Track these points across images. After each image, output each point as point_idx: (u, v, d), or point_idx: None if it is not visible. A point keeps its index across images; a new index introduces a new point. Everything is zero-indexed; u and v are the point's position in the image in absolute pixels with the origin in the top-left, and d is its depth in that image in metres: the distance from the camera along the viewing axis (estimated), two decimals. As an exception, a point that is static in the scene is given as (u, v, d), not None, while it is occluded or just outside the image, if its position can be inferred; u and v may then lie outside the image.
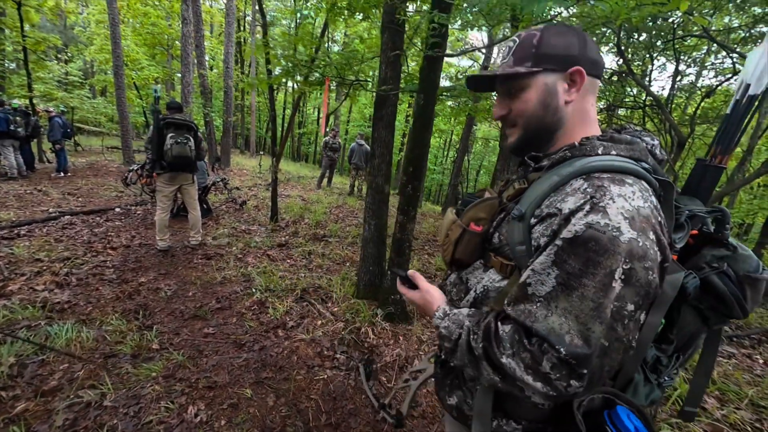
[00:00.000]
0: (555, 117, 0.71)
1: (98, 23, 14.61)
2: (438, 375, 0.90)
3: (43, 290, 2.79)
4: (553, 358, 0.56)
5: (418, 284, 0.83)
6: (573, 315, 0.56)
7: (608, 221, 0.55)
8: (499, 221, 0.76)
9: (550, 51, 0.68)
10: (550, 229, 0.61)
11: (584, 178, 0.62)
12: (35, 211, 4.80)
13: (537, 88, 0.70)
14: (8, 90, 9.85)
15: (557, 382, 0.56)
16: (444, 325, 0.72)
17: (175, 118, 3.66)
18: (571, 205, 0.59)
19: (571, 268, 0.56)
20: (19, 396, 1.80)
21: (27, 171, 7.38)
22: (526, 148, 0.76)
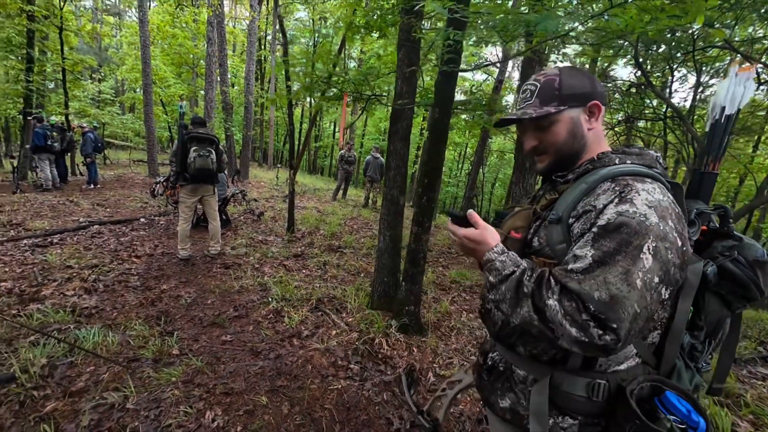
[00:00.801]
0: (582, 142, 0.84)
1: (130, 45, 15.54)
2: (485, 381, 0.97)
3: (72, 295, 2.92)
4: (587, 312, 0.64)
5: (477, 222, 0.84)
6: (603, 279, 0.64)
7: (636, 209, 0.66)
8: (536, 228, 0.85)
9: (571, 91, 0.82)
10: (588, 223, 0.71)
11: (611, 181, 0.74)
12: (67, 221, 5.06)
13: (565, 122, 0.83)
14: (47, 108, 10.52)
15: (592, 330, 0.63)
16: (501, 259, 0.77)
17: (199, 132, 3.84)
18: (603, 201, 0.71)
19: (606, 248, 0.66)
20: (49, 396, 1.88)
21: (61, 183, 7.80)
22: (556, 170, 0.88)
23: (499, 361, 0.93)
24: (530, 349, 0.83)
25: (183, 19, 13.21)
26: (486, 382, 0.96)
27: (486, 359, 0.98)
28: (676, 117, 5.29)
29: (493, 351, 0.97)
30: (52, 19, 9.27)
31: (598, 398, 0.76)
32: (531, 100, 0.84)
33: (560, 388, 0.79)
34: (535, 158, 0.90)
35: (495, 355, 0.96)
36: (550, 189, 0.91)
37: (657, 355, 0.80)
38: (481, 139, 9.04)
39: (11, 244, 3.93)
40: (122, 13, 25.52)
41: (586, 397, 0.76)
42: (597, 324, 0.64)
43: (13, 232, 4.40)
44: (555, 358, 0.80)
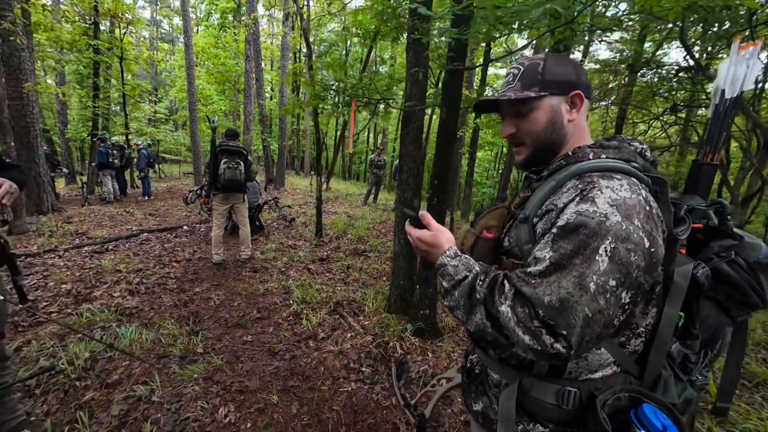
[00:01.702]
0: (561, 133, 0.80)
1: (181, 67, 16.99)
2: (464, 383, 0.96)
3: (118, 296, 3.24)
4: (537, 318, 0.62)
5: (430, 224, 0.82)
6: (557, 284, 0.62)
7: (596, 209, 0.63)
8: (508, 227, 0.83)
9: (554, 78, 0.77)
10: (548, 223, 0.69)
11: (577, 178, 0.70)
12: (122, 230, 5.63)
13: (545, 110, 0.78)
14: (112, 129, 11.84)
15: (544, 337, 0.61)
16: (453, 264, 0.75)
17: (229, 145, 4.09)
18: (565, 199, 0.68)
19: (564, 250, 0.63)
20: (88, 386, 2.10)
21: (121, 195, 8.71)
22: (535, 162, 0.83)
23: (476, 363, 0.92)
24: (499, 352, 0.82)
25: (224, 40, 14.20)
26: (465, 384, 0.95)
27: (467, 361, 0.97)
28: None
29: (472, 353, 0.96)
30: (114, 50, 10.42)
31: (569, 406, 0.72)
32: (513, 83, 0.80)
33: (529, 393, 0.75)
34: (514, 150, 0.86)
35: (474, 357, 0.94)
36: (526, 187, 0.87)
37: (640, 364, 0.73)
38: (514, 137, 8.68)
39: (75, 251, 4.44)
40: (175, 39, 28.04)
41: (556, 405, 0.73)
42: (548, 331, 0.61)
43: (78, 240, 4.97)
44: (523, 363, 0.77)
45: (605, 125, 8.78)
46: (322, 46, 18.35)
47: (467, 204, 10.60)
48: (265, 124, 12.27)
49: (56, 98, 12.09)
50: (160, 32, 27.57)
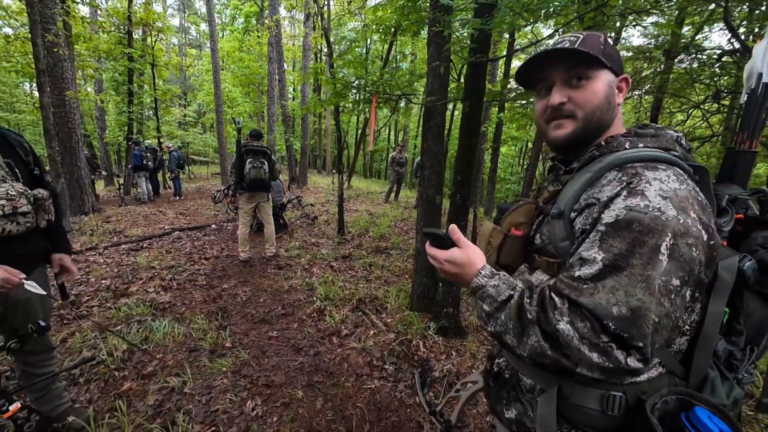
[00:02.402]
0: (611, 114, 0.73)
1: (207, 72, 17.62)
2: (491, 388, 0.90)
3: (152, 292, 3.39)
4: (606, 332, 0.57)
5: (460, 241, 0.73)
6: (621, 291, 0.56)
7: (648, 203, 0.58)
8: (538, 223, 0.78)
9: (612, 54, 0.72)
10: (590, 218, 0.63)
11: (617, 169, 0.65)
12: (155, 228, 5.90)
13: (603, 82, 0.71)
14: (145, 133, 12.47)
15: (616, 353, 0.56)
16: (492, 284, 0.69)
17: (254, 145, 4.20)
18: (608, 193, 0.62)
19: (618, 250, 0.58)
20: (126, 377, 2.21)
21: (154, 196, 9.14)
22: (578, 141, 0.74)
23: (505, 367, 0.86)
24: None
25: (248, 43, 14.58)
26: (492, 389, 0.89)
27: (492, 365, 0.92)
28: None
29: (499, 356, 0.90)
30: (146, 57, 10.93)
31: (614, 412, 0.67)
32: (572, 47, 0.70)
33: (570, 399, 0.70)
34: (552, 124, 0.75)
35: (501, 361, 0.89)
36: (553, 180, 0.82)
37: (685, 364, 0.68)
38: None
39: (113, 249, 4.70)
40: (202, 45, 29.08)
41: (600, 411, 0.68)
42: (619, 345, 0.57)
43: (116, 238, 5.26)
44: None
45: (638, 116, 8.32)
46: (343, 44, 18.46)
47: (490, 200, 10.37)
48: (288, 124, 12.50)
49: (95, 105, 12.85)
50: (188, 38, 28.68)
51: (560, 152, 0.81)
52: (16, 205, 1.36)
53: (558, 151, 0.81)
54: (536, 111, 0.80)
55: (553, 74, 0.74)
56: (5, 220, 1.33)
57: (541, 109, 0.78)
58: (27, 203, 1.41)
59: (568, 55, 0.71)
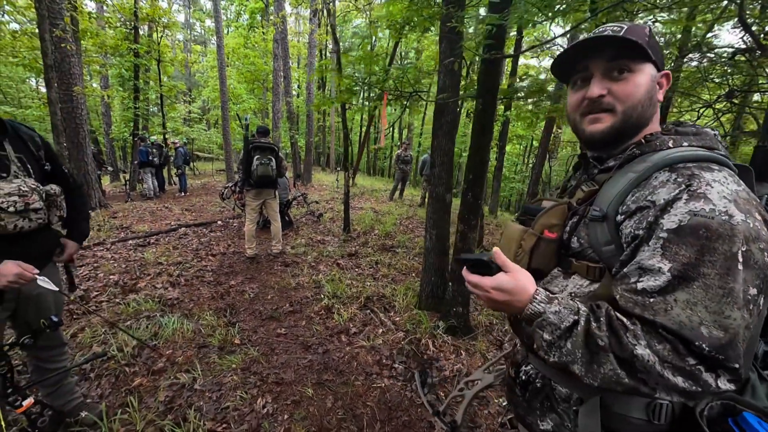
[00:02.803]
0: (651, 111, 0.70)
1: (212, 68, 17.61)
2: (519, 397, 0.86)
3: (160, 288, 3.40)
4: (693, 354, 0.53)
5: (506, 265, 0.66)
6: (701, 306, 0.53)
7: (713, 206, 0.54)
8: (573, 225, 0.74)
9: (657, 47, 0.68)
10: (644, 222, 0.59)
11: (669, 170, 0.61)
12: (162, 224, 5.91)
13: (646, 76, 0.67)
14: (150, 129, 12.51)
15: (705, 375, 0.53)
16: (553, 310, 0.62)
17: (261, 142, 4.18)
18: (665, 195, 0.58)
19: (686, 259, 0.54)
20: (137, 373, 2.21)
21: (160, 192, 9.17)
22: (616, 137, 0.71)
23: (535, 376, 0.82)
24: None
25: (253, 40, 14.55)
26: (520, 399, 0.85)
27: (518, 372, 0.87)
28: (802, 85, 4.25)
29: (525, 364, 0.86)
30: (152, 53, 10.94)
31: (661, 421, 0.64)
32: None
33: (612, 408, 0.67)
34: (588, 117, 0.71)
35: (529, 368, 0.84)
36: (587, 179, 0.78)
37: None
38: (546, 129, 8.35)
39: (121, 244, 4.72)
40: (207, 41, 29.08)
41: (646, 420, 0.65)
42: (708, 367, 0.53)
43: (123, 234, 5.28)
44: None
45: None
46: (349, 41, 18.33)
47: (495, 199, 10.32)
48: (293, 121, 12.49)
49: (101, 101, 12.89)
50: (193, 35, 28.69)
51: (595, 148, 0.77)
52: (28, 201, 1.35)
53: (592, 148, 0.77)
54: (569, 104, 0.77)
55: (593, 65, 0.70)
56: (17, 216, 1.32)
57: (576, 101, 0.74)
58: (39, 199, 1.40)
59: (613, 45, 0.67)
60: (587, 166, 0.81)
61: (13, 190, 1.31)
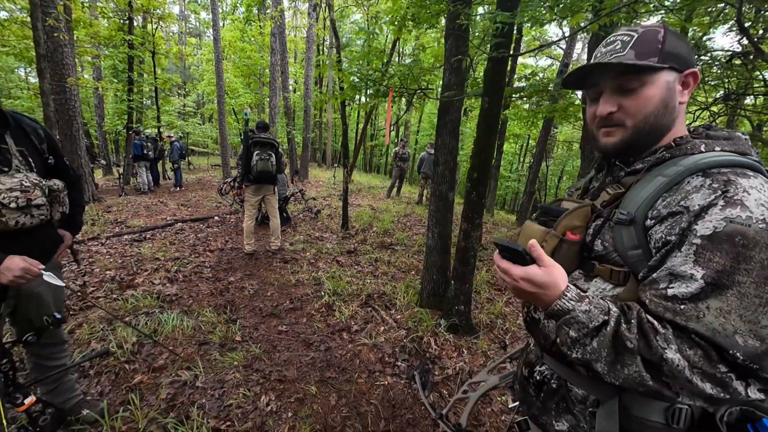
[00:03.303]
0: (671, 117, 0.69)
1: (208, 61, 17.40)
2: (532, 397, 0.85)
3: (158, 284, 3.35)
4: (725, 362, 0.53)
5: (541, 258, 0.66)
6: (735, 314, 0.52)
7: (750, 213, 0.54)
8: (597, 228, 0.73)
9: (675, 50, 0.67)
10: (677, 227, 0.58)
11: (702, 175, 0.60)
12: (157, 219, 5.84)
13: (659, 86, 0.67)
14: (144, 122, 12.31)
15: (736, 384, 0.53)
16: (583, 309, 0.62)
17: (261, 137, 4.14)
18: (700, 201, 0.57)
19: (720, 266, 0.53)
20: (137, 370, 2.18)
21: (154, 186, 9.04)
22: (629, 149, 0.72)
23: (550, 376, 0.82)
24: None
25: (250, 33, 14.38)
26: (534, 399, 0.85)
27: (532, 372, 0.87)
28: (798, 89, 4.32)
29: (539, 364, 0.86)
30: (147, 45, 10.75)
31: (680, 425, 0.64)
32: (622, 52, 0.67)
33: (630, 411, 0.67)
34: (602, 131, 0.73)
35: (544, 369, 0.84)
36: (613, 182, 0.77)
37: None
38: (544, 129, 8.39)
39: (116, 239, 4.64)
40: (202, 34, 28.66)
41: (664, 424, 0.65)
42: (740, 375, 0.53)
43: (117, 228, 5.20)
44: None
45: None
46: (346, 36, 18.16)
47: (492, 198, 10.37)
48: (290, 116, 12.39)
49: (94, 92, 12.65)
50: (188, 27, 28.25)
51: (611, 157, 0.78)
52: (30, 197, 1.31)
53: (609, 156, 0.78)
54: (587, 116, 0.79)
55: (603, 82, 0.71)
56: (19, 212, 1.29)
57: (590, 116, 0.76)
58: (41, 195, 1.37)
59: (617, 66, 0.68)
60: (612, 168, 0.80)
61: (14, 185, 1.27)
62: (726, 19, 5.10)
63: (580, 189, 0.91)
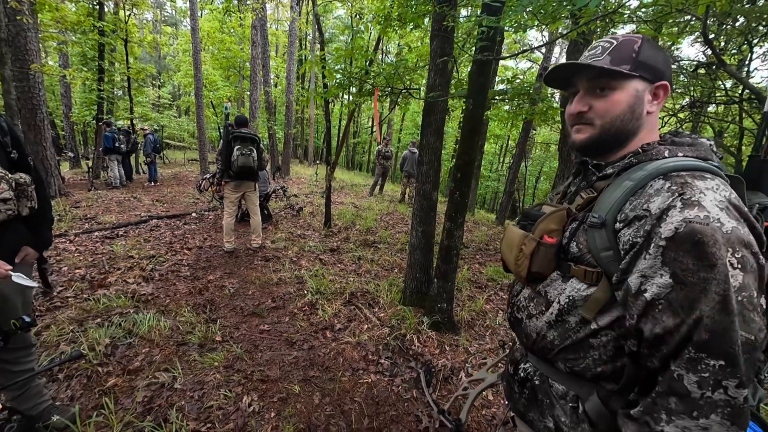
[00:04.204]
0: (637, 123, 0.74)
1: (184, 52, 16.76)
2: (516, 394, 0.89)
3: (132, 283, 3.23)
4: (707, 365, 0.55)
5: None
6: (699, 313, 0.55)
7: (707, 213, 0.56)
8: (572, 231, 0.76)
9: (648, 61, 0.71)
10: (642, 230, 0.62)
11: (663, 178, 0.64)
12: (131, 215, 5.60)
13: (628, 93, 0.72)
14: (116, 113, 11.72)
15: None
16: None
17: (242, 132, 4.04)
18: (660, 204, 0.61)
19: (684, 265, 0.56)
20: (111, 372, 2.09)
21: (127, 181, 8.66)
22: (596, 147, 0.77)
23: (534, 373, 0.85)
24: (571, 365, 0.75)
25: (230, 24, 13.96)
26: (518, 396, 0.89)
27: (517, 370, 0.90)
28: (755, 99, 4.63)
29: (524, 362, 0.89)
30: (119, 32, 10.24)
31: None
32: (600, 57, 0.73)
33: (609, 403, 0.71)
34: (575, 128, 0.79)
35: (528, 366, 0.88)
36: (586, 186, 0.82)
37: None
38: (523, 130, 8.60)
39: (86, 236, 4.42)
40: (178, 23, 27.57)
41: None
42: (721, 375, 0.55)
43: (87, 225, 4.95)
44: (601, 375, 0.72)
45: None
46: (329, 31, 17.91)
47: (472, 197, 10.56)
48: (271, 111, 12.14)
49: (60, 80, 11.94)
50: (163, 15, 27.10)
51: (580, 154, 0.83)
52: None
53: (579, 152, 0.83)
54: (566, 113, 0.84)
55: (579, 82, 0.78)
56: None
57: (567, 113, 0.81)
58: (8, 189, 1.29)
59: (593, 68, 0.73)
60: (587, 173, 0.85)
61: None
62: (692, 30, 5.39)
63: (560, 194, 0.95)
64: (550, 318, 0.77)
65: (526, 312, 0.84)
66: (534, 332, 0.81)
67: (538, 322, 0.80)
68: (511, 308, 0.91)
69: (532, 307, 0.83)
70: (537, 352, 0.82)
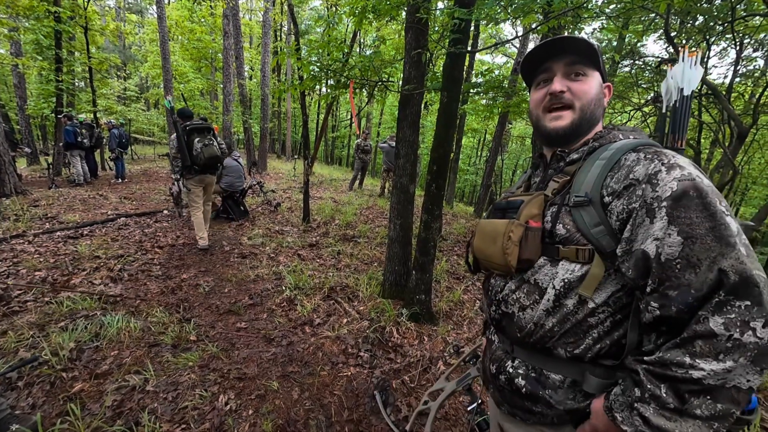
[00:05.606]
0: (599, 112, 0.83)
1: (152, 41, 15.95)
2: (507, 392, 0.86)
3: (100, 284, 3.08)
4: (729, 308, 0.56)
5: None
6: (720, 257, 0.57)
7: (689, 171, 0.62)
8: (554, 214, 0.78)
9: (602, 63, 0.82)
10: (634, 196, 0.65)
11: (634, 152, 0.70)
12: (96, 214, 5.32)
13: (597, 81, 0.82)
14: (78, 106, 11.02)
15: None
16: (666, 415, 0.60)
17: (196, 123, 3.90)
18: (644, 171, 0.65)
19: (690, 219, 0.59)
20: (76, 377, 2.00)
21: (91, 178, 8.21)
22: (575, 131, 0.82)
23: (530, 369, 0.82)
24: (572, 349, 0.74)
25: (200, 13, 13.39)
26: (509, 394, 0.85)
27: (501, 369, 0.87)
28: (712, 95, 4.91)
29: (513, 359, 0.86)
30: (78, 19, 9.60)
31: None
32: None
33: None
34: (550, 115, 0.82)
35: (516, 363, 0.84)
36: (556, 172, 0.85)
37: None
38: (499, 124, 8.77)
39: (46, 236, 4.17)
40: (144, 10, 26.16)
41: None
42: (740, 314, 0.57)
43: (48, 224, 4.66)
44: (599, 354, 0.72)
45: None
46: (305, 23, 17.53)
47: (451, 191, 10.70)
48: (246, 104, 11.79)
49: (12, 70, 11.09)
50: (126, 2, 25.62)
51: (555, 144, 0.85)
52: None
53: (552, 143, 0.85)
54: (533, 101, 0.87)
55: (556, 66, 0.82)
56: None
57: (539, 98, 0.85)
58: None
59: (573, 49, 0.80)
60: (550, 163, 0.88)
61: None
62: (656, 28, 5.63)
63: (521, 187, 0.97)
64: (547, 305, 0.75)
65: (517, 305, 0.81)
66: (530, 323, 0.78)
67: (534, 312, 0.78)
68: (496, 305, 0.87)
69: (523, 299, 0.80)
70: (532, 344, 0.79)
